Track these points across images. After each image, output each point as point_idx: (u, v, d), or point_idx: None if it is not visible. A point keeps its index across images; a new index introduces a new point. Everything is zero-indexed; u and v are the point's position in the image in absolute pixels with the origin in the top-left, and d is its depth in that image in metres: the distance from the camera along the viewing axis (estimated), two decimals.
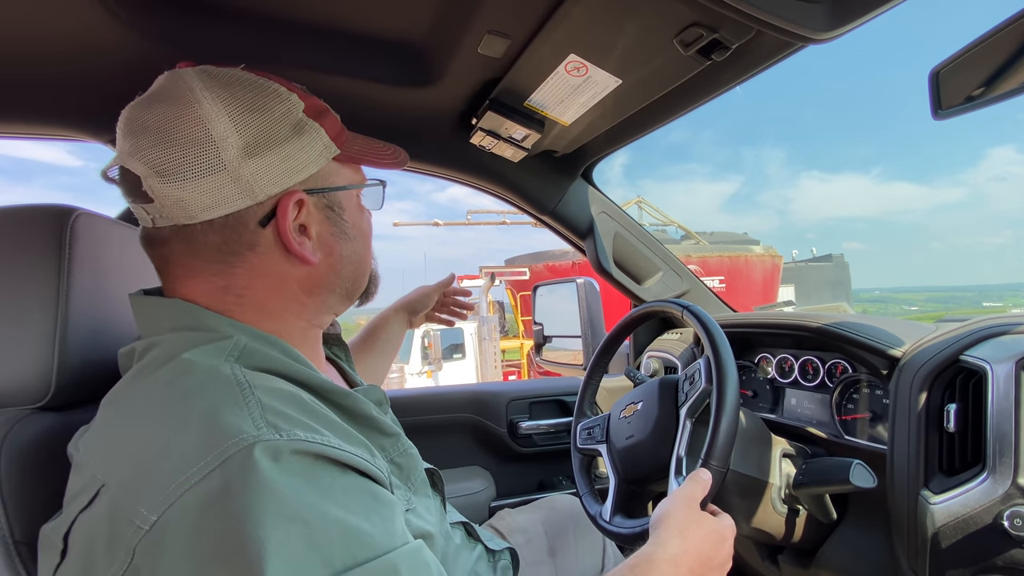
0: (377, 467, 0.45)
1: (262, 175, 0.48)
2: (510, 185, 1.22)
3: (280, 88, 0.52)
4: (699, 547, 0.58)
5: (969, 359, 0.69)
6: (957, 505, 0.64)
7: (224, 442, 0.37)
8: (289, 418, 0.41)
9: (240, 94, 0.49)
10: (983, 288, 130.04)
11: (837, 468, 0.75)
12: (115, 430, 0.43)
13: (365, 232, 0.60)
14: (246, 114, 0.48)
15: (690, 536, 0.58)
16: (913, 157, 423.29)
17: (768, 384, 1.05)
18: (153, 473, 0.37)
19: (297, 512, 0.36)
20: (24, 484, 0.49)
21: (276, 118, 0.50)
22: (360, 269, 0.60)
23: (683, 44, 0.70)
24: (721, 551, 0.60)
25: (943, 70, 0.62)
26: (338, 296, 0.59)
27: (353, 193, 0.58)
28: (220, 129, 0.47)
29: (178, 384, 0.42)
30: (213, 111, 0.47)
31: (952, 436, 0.70)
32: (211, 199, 0.47)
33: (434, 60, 0.86)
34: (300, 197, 0.51)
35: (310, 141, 0.52)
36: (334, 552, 0.36)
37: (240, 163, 0.47)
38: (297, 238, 0.51)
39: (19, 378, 0.53)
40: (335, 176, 0.56)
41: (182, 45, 0.78)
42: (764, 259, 11.07)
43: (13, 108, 0.89)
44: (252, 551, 0.34)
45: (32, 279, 0.53)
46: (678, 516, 0.59)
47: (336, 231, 0.56)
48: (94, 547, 0.38)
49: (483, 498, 1.30)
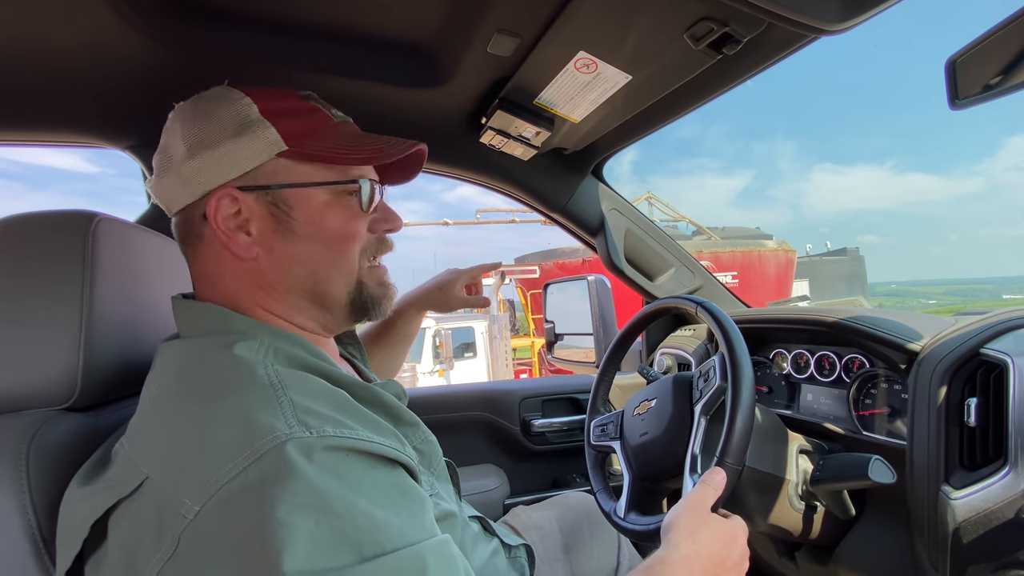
0: (408, 455, 0.47)
1: (199, 173, 0.54)
2: (520, 183, 1.22)
3: (236, 94, 0.56)
4: (710, 548, 0.58)
5: (990, 352, 0.68)
6: (978, 500, 0.63)
7: (259, 439, 0.40)
8: (319, 415, 0.43)
9: (199, 105, 0.56)
10: (1003, 280, 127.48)
11: (856, 464, 0.74)
12: (159, 426, 0.46)
13: (333, 233, 0.56)
14: (191, 122, 0.55)
15: (700, 538, 0.58)
16: (929, 147, 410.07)
17: (784, 380, 1.04)
18: (195, 467, 0.40)
19: (326, 503, 0.38)
20: (52, 484, 0.50)
21: (220, 120, 0.54)
22: (319, 272, 0.57)
23: (694, 38, 0.70)
24: (734, 551, 0.60)
25: (959, 59, 0.61)
26: (303, 299, 0.57)
27: (317, 192, 0.56)
28: (170, 137, 0.55)
29: (216, 385, 0.46)
30: (171, 125, 0.56)
31: (973, 431, 0.69)
32: (169, 195, 0.56)
33: (444, 60, 0.87)
34: (230, 192, 0.54)
35: (251, 140, 0.54)
36: (362, 540, 0.38)
37: (183, 163, 0.54)
38: (228, 232, 0.54)
39: (46, 380, 0.54)
40: (284, 173, 0.55)
41: (196, 51, 0.79)
42: (777, 254, 10.95)
43: (30, 116, 0.91)
44: (281, 536, 0.36)
45: (56, 283, 0.54)
46: (687, 520, 0.60)
47: (280, 228, 0.55)
48: (141, 535, 0.40)
49: (497, 496, 1.30)
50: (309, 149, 0.55)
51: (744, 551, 0.62)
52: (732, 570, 0.59)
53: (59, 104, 0.88)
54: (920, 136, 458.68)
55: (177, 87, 0.87)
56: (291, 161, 0.55)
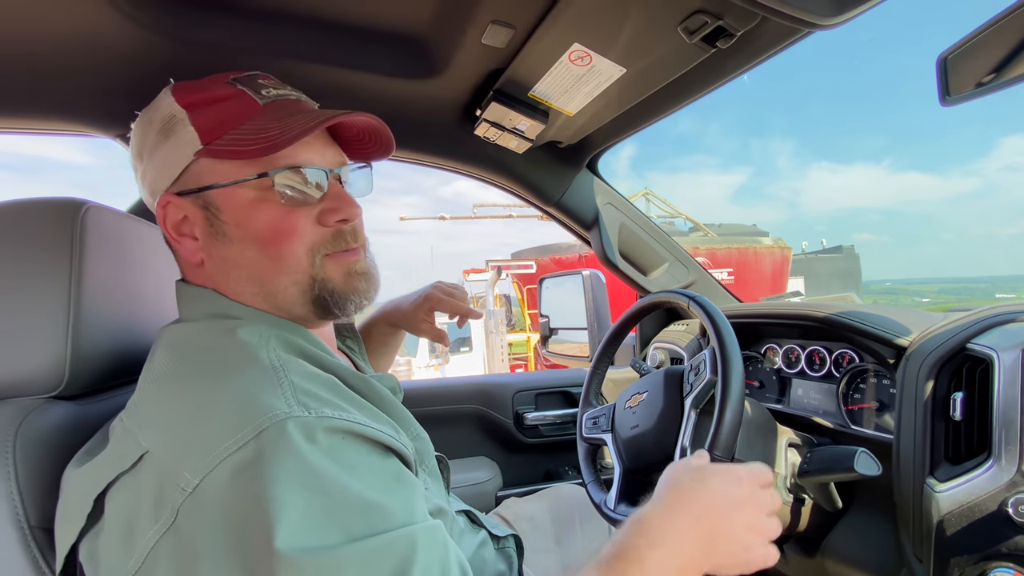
0: (403, 443, 0.48)
1: (151, 181, 0.55)
2: (515, 177, 1.22)
3: (164, 94, 0.55)
4: (700, 493, 0.53)
5: (976, 347, 0.69)
6: (962, 493, 0.64)
7: (259, 417, 0.40)
8: (319, 398, 0.44)
9: (141, 115, 0.57)
10: (996, 279, 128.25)
11: (842, 456, 0.75)
12: (160, 403, 0.47)
13: (261, 234, 0.51)
14: (137, 130, 0.56)
15: (685, 484, 0.54)
16: (925, 146, 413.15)
17: (775, 374, 1.04)
18: (197, 442, 0.40)
19: (321, 482, 0.39)
20: (39, 471, 0.50)
21: (151, 127, 0.54)
22: (260, 275, 0.52)
23: (688, 31, 0.69)
24: (737, 491, 0.54)
25: (951, 55, 0.61)
26: (260, 302, 0.54)
27: (239, 189, 0.51)
28: (132, 144, 0.57)
29: (220, 365, 0.46)
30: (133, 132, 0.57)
31: (958, 424, 0.69)
32: (147, 199, 0.58)
33: (438, 51, 0.86)
34: (170, 200, 0.54)
35: (175, 142, 0.52)
36: (352, 521, 0.38)
37: (142, 174, 0.56)
38: (179, 238, 0.55)
39: (33, 368, 0.54)
40: (207, 174, 0.52)
41: (187, 40, 0.78)
42: (773, 251, 10.98)
43: (20, 104, 0.90)
44: (273, 511, 0.36)
45: (44, 271, 0.54)
46: (670, 472, 0.57)
47: (213, 232, 0.52)
48: (139, 506, 0.41)
49: (490, 488, 1.31)
50: (219, 145, 0.51)
51: (756, 492, 0.55)
52: (738, 513, 0.53)
53: (49, 92, 0.87)
54: (917, 135, 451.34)
55: (168, 76, 0.86)
56: (210, 160, 0.51)
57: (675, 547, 0.49)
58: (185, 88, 0.54)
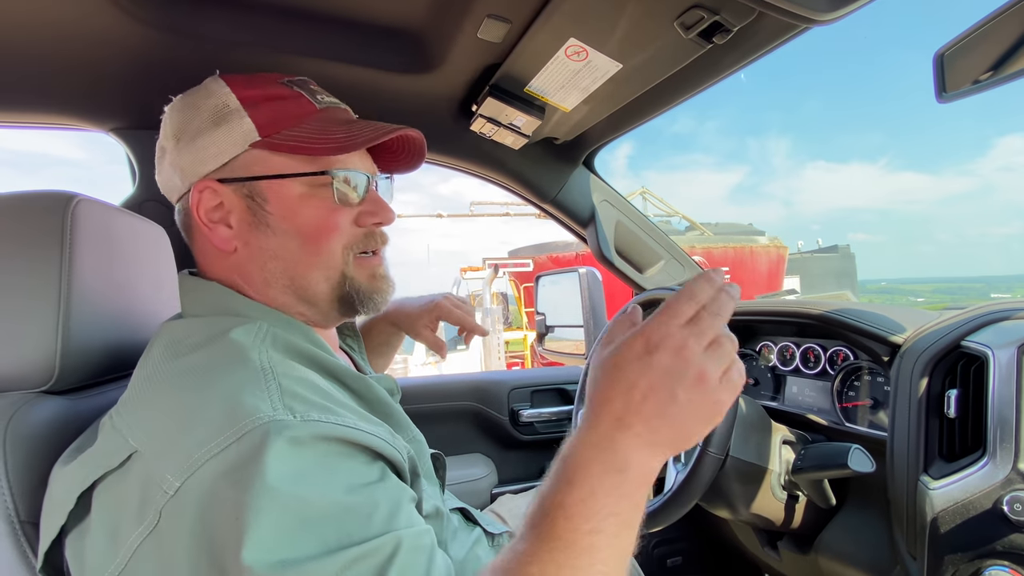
0: (396, 448, 0.47)
1: (185, 165, 0.54)
2: (511, 173, 1.22)
3: (217, 84, 0.55)
4: (618, 386, 0.42)
5: (971, 345, 0.69)
6: (957, 490, 0.64)
7: (242, 420, 0.39)
8: (307, 401, 0.43)
9: (184, 97, 0.57)
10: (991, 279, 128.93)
11: (836, 453, 0.75)
12: (149, 401, 0.46)
13: (306, 229, 0.54)
14: (178, 112, 0.56)
15: (598, 384, 0.43)
16: (921, 146, 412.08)
17: (770, 372, 1.05)
18: (180, 444, 0.40)
19: (297, 489, 0.38)
20: (28, 466, 0.50)
21: (201, 111, 0.54)
22: (296, 268, 0.54)
23: (684, 27, 0.69)
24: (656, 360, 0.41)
25: (947, 52, 0.61)
26: (284, 294, 0.55)
27: (291, 183, 0.54)
28: (165, 127, 0.57)
29: (209, 365, 0.46)
30: (167, 115, 0.57)
31: (952, 422, 0.69)
32: (166, 186, 0.58)
33: (433, 46, 0.86)
34: (209, 185, 0.54)
35: (228, 131, 0.53)
36: (329, 530, 0.37)
37: (173, 154, 0.55)
38: (209, 225, 0.54)
39: (23, 362, 0.53)
40: (259, 165, 0.53)
41: (183, 33, 0.78)
42: (769, 250, 11.02)
43: (12, 97, 0.89)
44: (245, 518, 0.36)
45: (34, 264, 0.54)
46: (589, 373, 0.46)
47: (255, 221, 0.54)
48: (125, 506, 0.40)
49: (485, 484, 1.31)
50: (280, 139, 0.53)
51: (678, 340, 0.42)
52: (668, 380, 0.41)
53: (42, 85, 0.87)
54: (913, 134, 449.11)
55: (163, 70, 0.86)
56: (266, 152, 0.53)
57: (599, 466, 0.41)
58: (238, 81, 0.55)
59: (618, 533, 0.40)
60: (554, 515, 0.40)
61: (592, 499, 0.40)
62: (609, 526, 0.40)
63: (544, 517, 0.40)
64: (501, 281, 10.15)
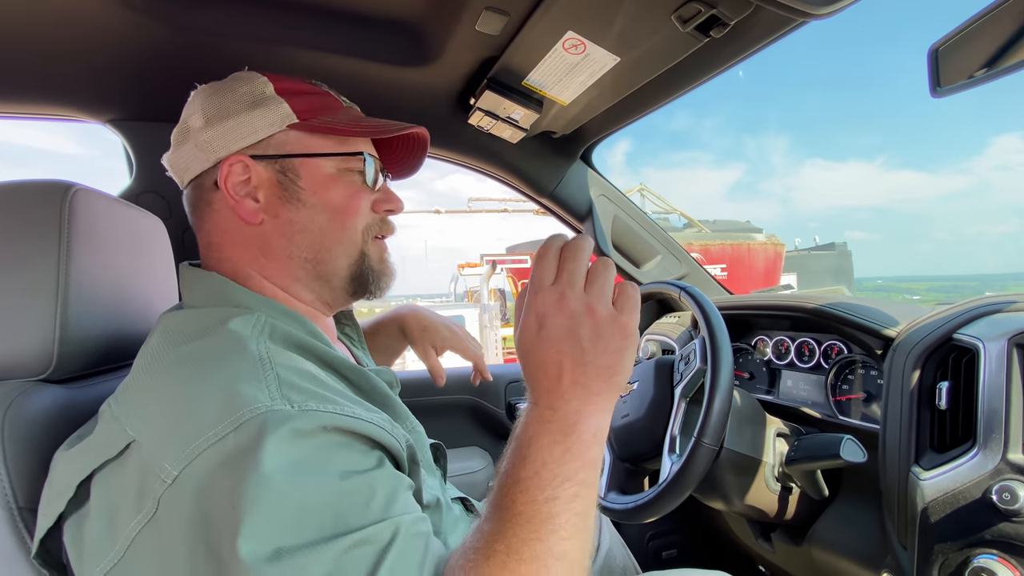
0: (395, 436, 0.47)
1: (214, 141, 0.56)
2: (509, 167, 1.22)
3: (253, 76, 0.59)
4: (541, 352, 0.44)
5: (962, 337, 0.69)
6: (947, 480, 0.65)
7: (240, 409, 0.40)
8: (304, 391, 0.43)
9: (218, 86, 0.59)
10: (987, 278, 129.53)
11: (828, 444, 0.76)
12: (147, 390, 0.46)
13: (336, 204, 0.58)
14: (211, 97, 0.58)
15: (521, 360, 0.45)
16: (919, 145, 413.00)
17: (765, 366, 1.05)
18: (177, 433, 0.40)
19: (295, 477, 0.38)
20: (27, 453, 0.50)
21: (236, 97, 0.57)
22: (320, 240, 0.58)
23: (681, 20, 0.69)
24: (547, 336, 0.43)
25: (942, 47, 0.62)
26: (302, 269, 0.58)
27: (324, 163, 0.58)
28: (190, 110, 0.58)
29: (207, 355, 0.46)
30: (192, 101, 0.59)
31: (944, 413, 0.70)
32: (183, 164, 0.59)
33: (431, 38, 0.86)
34: (242, 159, 0.56)
35: (264, 113, 0.57)
36: (325, 518, 0.37)
37: (200, 133, 0.57)
38: (237, 197, 0.56)
39: (21, 351, 0.53)
40: (293, 144, 0.57)
41: (181, 25, 0.78)
42: (766, 247, 11.06)
43: (9, 87, 0.89)
44: (242, 507, 0.36)
45: (32, 253, 0.54)
46: (518, 356, 0.47)
47: (286, 195, 0.57)
48: (124, 495, 0.41)
49: (481, 477, 1.31)
50: (317, 123, 0.58)
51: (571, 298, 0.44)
52: (583, 341, 0.43)
53: (40, 75, 0.86)
54: (910, 133, 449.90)
55: (161, 61, 0.86)
56: (301, 133, 0.58)
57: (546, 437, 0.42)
58: (272, 76, 0.59)
59: (576, 494, 0.42)
60: (512, 492, 0.42)
61: (544, 470, 0.42)
62: (564, 492, 0.41)
63: (504, 496, 0.42)
64: (499, 277, 10.16)
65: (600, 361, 0.43)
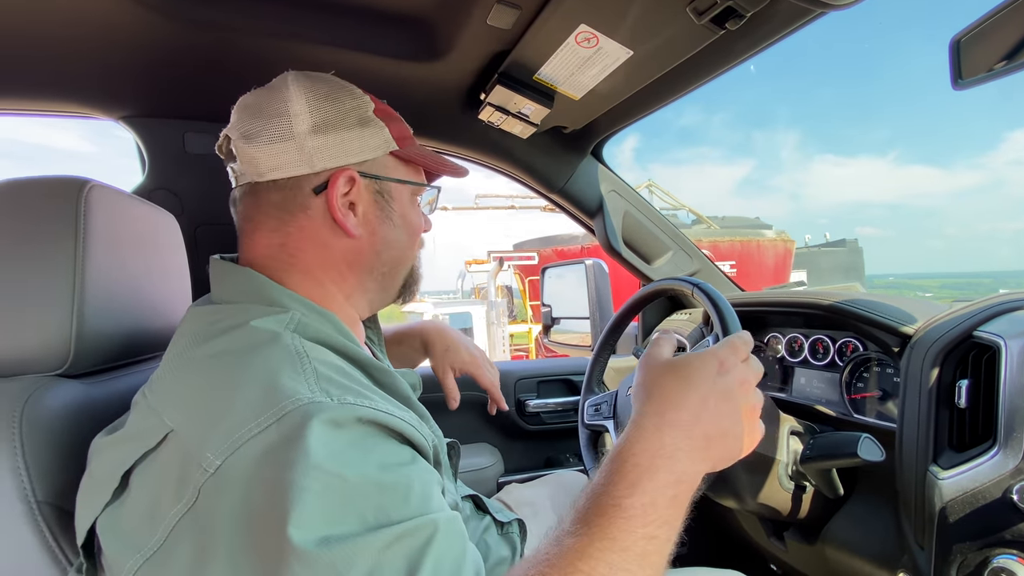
0: (423, 435, 0.47)
1: (323, 150, 0.56)
2: (519, 162, 1.21)
3: (356, 90, 0.61)
4: (676, 397, 0.48)
5: (983, 334, 0.68)
6: (966, 480, 0.64)
7: (282, 401, 0.41)
8: (341, 385, 0.44)
9: (320, 87, 0.58)
10: (1000, 275, 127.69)
11: (845, 442, 0.75)
12: (186, 383, 0.47)
13: (413, 226, 0.65)
14: (321, 100, 0.57)
15: (659, 391, 0.49)
16: (931, 140, 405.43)
17: (778, 363, 1.04)
18: (220, 424, 0.41)
19: (338, 468, 0.38)
20: (45, 447, 0.51)
21: (346, 109, 0.58)
22: (400, 258, 0.64)
23: (696, 12, 0.68)
24: (724, 382, 0.49)
25: (964, 38, 0.60)
26: (375, 280, 0.63)
27: (407, 189, 0.64)
28: (296, 107, 0.56)
29: (244, 347, 0.47)
30: (295, 94, 0.56)
31: (963, 412, 0.69)
32: (277, 161, 0.56)
33: (442, 33, 0.85)
34: (352, 175, 0.58)
35: (372, 134, 0.59)
36: (367, 509, 0.38)
37: (306, 137, 0.56)
38: (343, 210, 0.58)
39: (38, 346, 0.54)
40: (390, 169, 0.62)
41: (192, 21, 0.78)
42: (776, 244, 10.96)
43: (24, 85, 0.89)
44: (289, 496, 0.36)
45: (48, 248, 0.54)
46: (640, 379, 0.52)
47: (381, 215, 0.61)
48: (164, 484, 0.41)
49: (491, 473, 1.31)
50: (407, 153, 0.63)
51: (742, 370, 0.51)
52: (731, 403, 0.49)
53: (53, 72, 0.87)
54: (923, 128, 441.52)
55: (173, 58, 0.86)
56: (395, 160, 0.63)
57: (664, 476, 0.44)
58: (368, 95, 0.62)
59: (668, 540, 0.43)
60: (611, 515, 0.41)
61: (652, 507, 0.42)
62: (663, 533, 0.42)
63: (600, 515, 0.42)
64: (506, 274, 10.15)
65: (730, 441, 0.49)
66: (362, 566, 0.36)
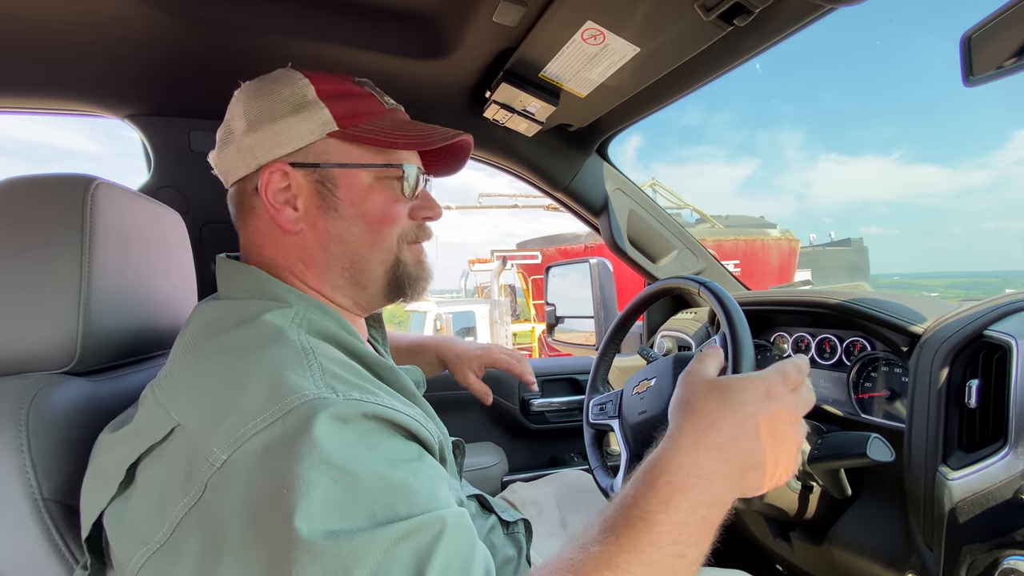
0: (429, 431, 0.47)
1: (255, 147, 0.56)
2: (524, 161, 1.21)
3: (294, 75, 0.58)
4: (721, 416, 0.46)
5: (993, 334, 0.67)
6: (976, 480, 0.63)
7: (288, 396, 0.41)
8: (346, 381, 0.44)
9: (263, 84, 0.57)
10: (1007, 274, 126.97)
11: (854, 442, 0.74)
12: (191, 376, 0.47)
13: (373, 215, 0.58)
14: (253, 98, 0.57)
15: (703, 408, 0.47)
16: (937, 138, 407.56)
17: None
18: (226, 419, 0.41)
19: (345, 464, 0.38)
20: (51, 445, 0.51)
21: (277, 100, 0.56)
22: (357, 252, 0.58)
23: (704, 8, 0.68)
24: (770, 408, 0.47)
25: (975, 35, 0.60)
26: (341, 276, 0.58)
27: (362, 174, 0.58)
28: (235, 110, 0.57)
29: (249, 343, 0.47)
30: (236, 98, 0.58)
31: (973, 412, 0.68)
32: (227, 167, 0.58)
33: (447, 30, 0.85)
34: (283, 168, 0.56)
35: (306, 118, 0.56)
36: (376, 504, 0.38)
37: (242, 137, 0.56)
38: (277, 205, 0.56)
39: (45, 343, 0.54)
40: (333, 154, 0.57)
41: (196, 20, 0.78)
42: (781, 243, 10.92)
43: (29, 83, 0.90)
44: (297, 490, 0.36)
45: (55, 246, 0.54)
46: (683, 395, 0.51)
47: (324, 205, 0.57)
48: (171, 478, 0.41)
49: (495, 472, 1.31)
50: (358, 131, 0.57)
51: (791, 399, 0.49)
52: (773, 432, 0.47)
53: (59, 70, 0.87)
54: (928, 126, 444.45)
55: (178, 56, 0.86)
56: (341, 142, 0.57)
57: (697, 496, 0.43)
58: (314, 77, 0.58)
59: (696, 561, 0.43)
60: (640, 528, 0.41)
61: (684, 526, 0.42)
62: (691, 553, 0.42)
63: (628, 527, 0.41)
64: (509, 273, 10.15)
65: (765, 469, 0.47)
66: (369, 561, 0.36)
